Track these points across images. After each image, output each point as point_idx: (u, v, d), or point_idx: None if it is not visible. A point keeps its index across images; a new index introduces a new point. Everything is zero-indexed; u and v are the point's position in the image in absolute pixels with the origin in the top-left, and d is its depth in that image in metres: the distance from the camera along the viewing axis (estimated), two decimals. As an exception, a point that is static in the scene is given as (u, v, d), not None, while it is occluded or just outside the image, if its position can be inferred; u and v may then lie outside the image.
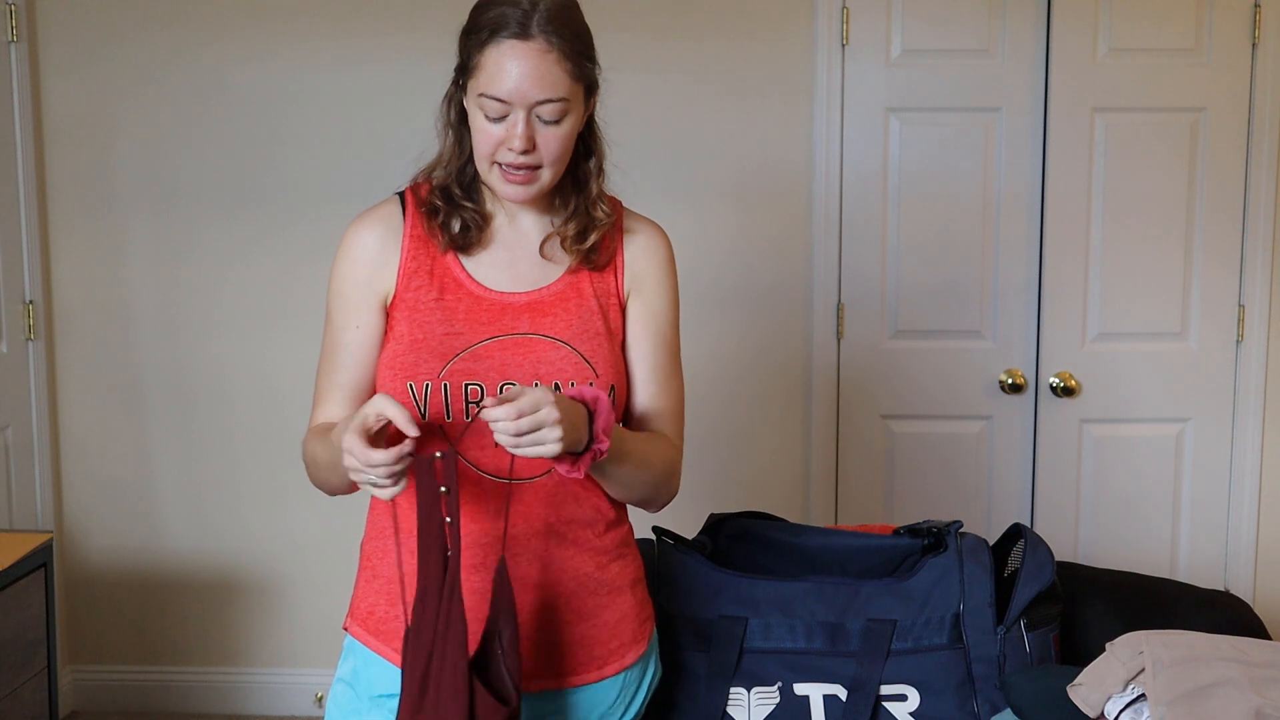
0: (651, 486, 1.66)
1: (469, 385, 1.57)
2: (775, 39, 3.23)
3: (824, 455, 3.33)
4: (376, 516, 1.68)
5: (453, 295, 1.60)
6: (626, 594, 1.69)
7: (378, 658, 1.64)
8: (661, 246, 1.70)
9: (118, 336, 3.34)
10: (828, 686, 1.91)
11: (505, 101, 1.51)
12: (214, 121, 3.27)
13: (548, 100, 1.51)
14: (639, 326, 1.67)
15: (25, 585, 2.56)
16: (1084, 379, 3.26)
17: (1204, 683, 1.64)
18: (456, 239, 1.61)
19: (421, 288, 1.60)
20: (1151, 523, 3.33)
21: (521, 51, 1.50)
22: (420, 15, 3.21)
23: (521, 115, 1.51)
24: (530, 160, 1.54)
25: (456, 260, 1.62)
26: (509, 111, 1.51)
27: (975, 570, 1.94)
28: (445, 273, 1.61)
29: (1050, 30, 3.15)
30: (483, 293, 1.61)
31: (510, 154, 1.53)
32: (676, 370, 1.72)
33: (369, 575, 1.67)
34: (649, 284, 1.68)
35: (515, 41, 1.50)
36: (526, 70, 1.50)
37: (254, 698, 3.44)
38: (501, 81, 1.50)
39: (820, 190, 3.24)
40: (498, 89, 1.51)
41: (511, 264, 1.64)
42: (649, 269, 1.68)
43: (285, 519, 3.38)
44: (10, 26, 3.15)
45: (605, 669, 1.66)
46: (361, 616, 1.66)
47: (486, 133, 1.54)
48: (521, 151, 1.52)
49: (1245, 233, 3.22)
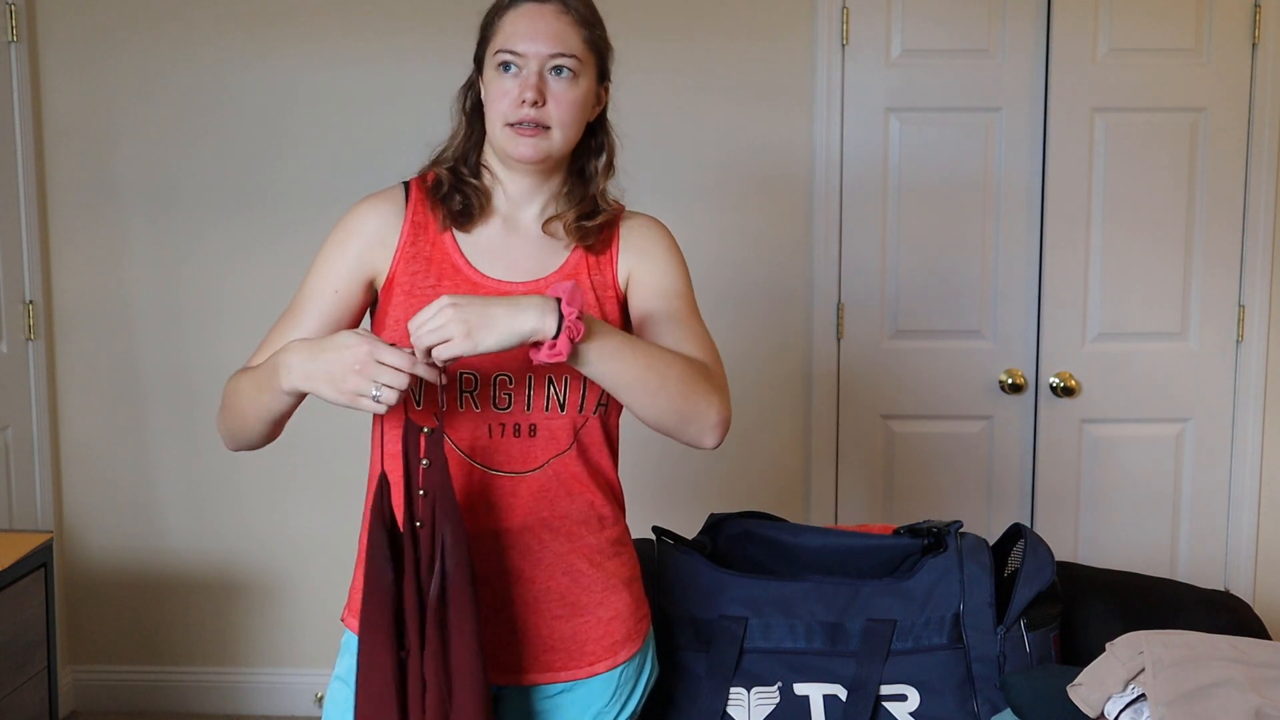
0: (677, 396, 1.52)
1: (464, 374, 1.58)
2: (775, 39, 3.23)
3: (824, 455, 3.33)
4: (369, 507, 1.67)
5: (450, 282, 1.61)
6: (622, 591, 1.69)
7: None
8: (657, 232, 1.72)
9: (118, 336, 3.34)
10: (828, 686, 1.91)
11: (519, 54, 1.57)
12: (214, 122, 3.27)
13: (560, 54, 1.58)
14: (645, 294, 1.67)
15: (25, 585, 2.56)
16: (1084, 379, 3.27)
17: (1204, 683, 1.64)
18: (457, 216, 1.63)
19: (419, 273, 1.62)
20: (1151, 523, 3.33)
21: (537, 11, 1.59)
22: (421, 16, 3.21)
23: (534, 68, 1.58)
24: (540, 116, 1.58)
25: (455, 246, 1.63)
26: (523, 64, 1.58)
27: (975, 570, 1.94)
28: (444, 259, 1.62)
29: (1050, 30, 3.16)
30: (480, 280, 1.62)
31: (522, 109, 1.57)
32: (697, 320, 1.68)
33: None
34: (648, 263, 1.69)
35: (533, 4, 1.60)
36: (540, 26, 1.58)
37: (254, 698, 3.45)
38: (517, 37, 1.58)
39: (820, 190, 3.24)
40: (513, 43, 1.58)
41: (509, 253, 1.65)
42: (646, 252, 1.69)
43: (285, 519, 3.38)
44: (10, 26, 3.15)
45: (597, 665, 1.66)
46: (357, 609, 1.65)
47: (501, 89, 1.59)
48: (533, 104, 1.56)
49: (1245, 233, 3.22)
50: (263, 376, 1.53)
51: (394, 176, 1.77)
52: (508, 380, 1.59)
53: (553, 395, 1.60)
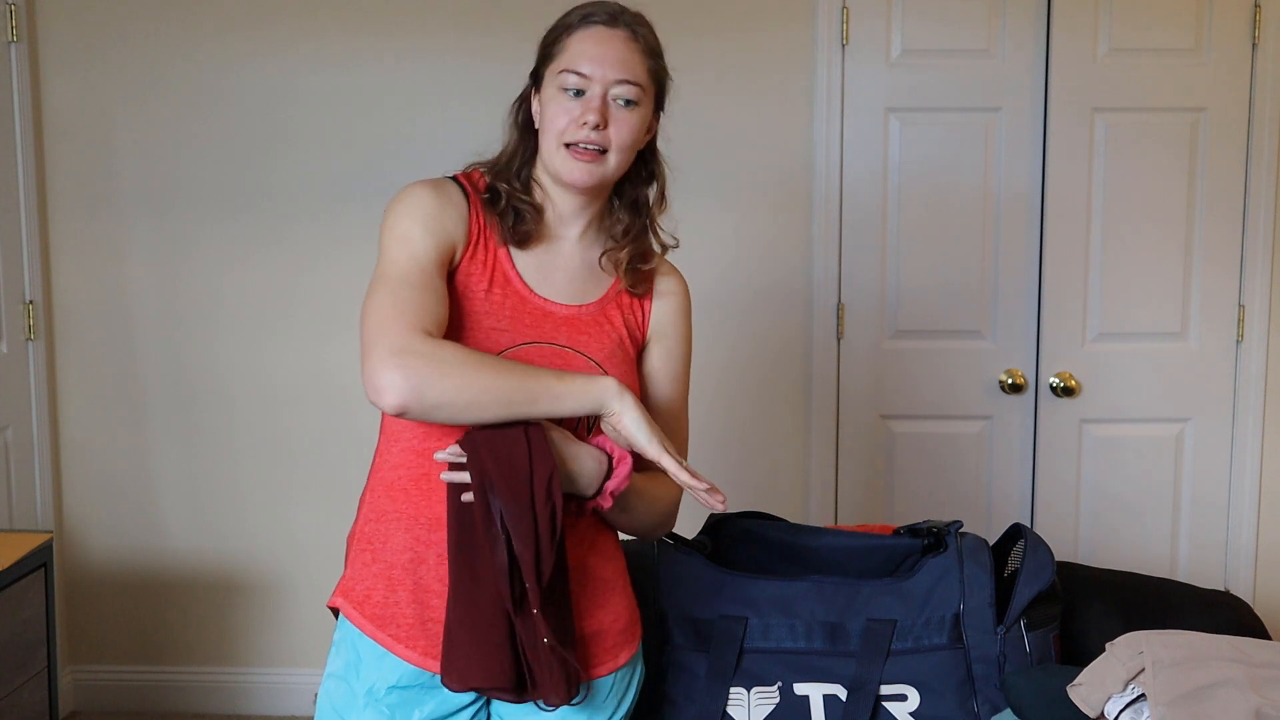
0: (652, 525, 1.73)
1: None
2: (775, 39, 3.23)
3: (824, 455, 3.33)
4: (376, 499, 1.65)
5: (500, 290, 1.62)
6: (619, 594, 1.71)
7: (373, 645, 1.61)
8: (685, 296, 1.79)
9: (118, 336, 3.34)
10: (828, 686, 1.91)
11: (585, 76, 1.58)
12: (215, 122, 3.27)
13: (625, 81, 1.59)
14: (661, 372, 1.75)
15: (25, 585, 2.56)
16: (1084, 379, 3.26)
17: (1204, 683, 1.64)
18: (517, 230, 1.64)
19: (475, 274, 1.62)
20: (1151, 523, 3.32)
21: (608, 35, 1.60)
22: (422, 15, 3.21)
23: (598, 92, 1.58)
24: (599, 140, 1.59)
25: (508, 255, 1.64)
26: (587, 87, 1.58)
27: (975, 570, 1.94)
28: (497, 265, 1.63)
29: (1050, 30, 3.15)
30: (528, 294, 1.63)
31: (582, 130, 1.58)
32: (685, 411, 1.80)
33: (368, 558, 1.64)
34: (671, 332, 1.75)
35: (603, 28, 1.60)
36: (609, 51, 1.59)
37: (254, 698, 3.44)
38: (584, 58, 1.58)
39: (820, 190, 3.24)
40: (580, 64, 1.58)
41: (555, 273, 1.67)
42: (673, 318, 1.76)
43: (285, 519, 3.38)
44: (10, 26, 3.15)
45: (598, 669, 1.66)
46: (358, 599, 1.63)
47: (562, 108, 1.59)
48: (594, 126, 1.57)
49: (1245, 233, 3.22)
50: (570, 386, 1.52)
51: (393, 176, 1.78)
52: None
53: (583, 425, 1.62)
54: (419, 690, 1.60)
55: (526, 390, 1.48)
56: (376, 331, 1.47)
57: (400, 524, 1.61)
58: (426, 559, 1.59)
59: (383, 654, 1.60)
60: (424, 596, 1.60)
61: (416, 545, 1.60)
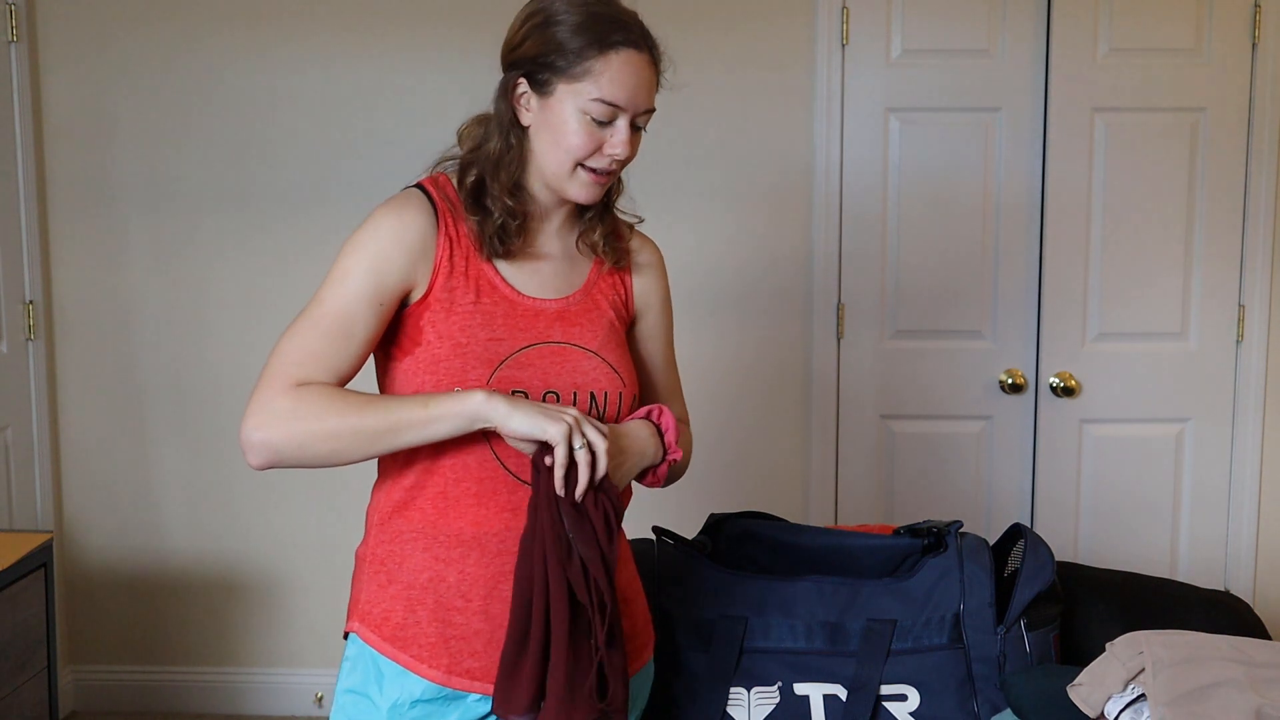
0: (681, 474, 1.76)
1: (515, 392, 1.56)
2: (775, 39, 3.23)
3: (824, 455, 3.33)
4: (388, 518, 1.62)
5: (489, 299, 1.59)
6: (638, 596, 1.72)
7: (394, 666, 1.58)
8: (661, 264, 1.79)
9: (118, 336, 3.34)
10: (828, 686, 1.91)
11: (619, 108, 1.55)
12: (214, 121, 3.27)
13: (649, 110, 1.59)
14: (653, 340, 1.77)
15: (25, 585, 2.56)
16: (1084, 379, 3.26)
17: (1204, 683, 1.64)
18: (504, 245, 1.59)
19: (458, 289, 1.58)
20: (1151, 523, 3.33)
21: (640, 62, 1.56)
22: (418, 15, 3.21)
23: (626, 121, 1.56)
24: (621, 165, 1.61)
25: (490, 262, 1.61)
26: (617, 116, 1.56)
27: (975, 570, 1.94)
28: (480, 274, 1.59)
29: (1050, 30, 3.15)
30: (516, 298, 1.61)
31: (606, 159, 1.57)
32: (677, 373, 1.85)
33: (383, 579, 1.61)
34: (655, 302, 1.76)
35: (634, 52, 1.55)
36: (641, 81, 1.56)
37: (254, 698, 3.44)
38: (620, 88, 1.54)
39: (820, 190, 3.24)
40: (617, 96, 1.54)
41: (537, 270, 1.64)
42: (655, 287, 1.76)
43: (285, 519, 3.38)
44: (10, 26, 3.15)
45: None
46: (375, 621, 1.60)
47: (589, 135, 1.55)
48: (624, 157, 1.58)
49: (1245, 233, 3.22)
50: (438, 409, 1.49)
51: (392, 175, 1.77)
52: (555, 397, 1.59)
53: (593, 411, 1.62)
54: (442, 702, 1.58)
55: (389, 423, 1.49)
56: (257, 387, 1.56)
57: (418, 543, 1.58)
58: (446, 576, 1.57)
59: (404, 671, 1.58)
60: (446, 614, 1.57)
61: (435, 564, 1.57)
